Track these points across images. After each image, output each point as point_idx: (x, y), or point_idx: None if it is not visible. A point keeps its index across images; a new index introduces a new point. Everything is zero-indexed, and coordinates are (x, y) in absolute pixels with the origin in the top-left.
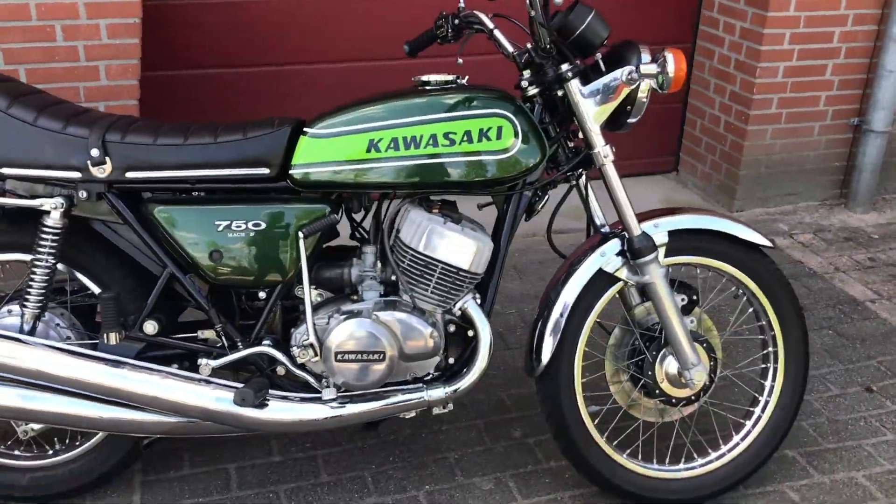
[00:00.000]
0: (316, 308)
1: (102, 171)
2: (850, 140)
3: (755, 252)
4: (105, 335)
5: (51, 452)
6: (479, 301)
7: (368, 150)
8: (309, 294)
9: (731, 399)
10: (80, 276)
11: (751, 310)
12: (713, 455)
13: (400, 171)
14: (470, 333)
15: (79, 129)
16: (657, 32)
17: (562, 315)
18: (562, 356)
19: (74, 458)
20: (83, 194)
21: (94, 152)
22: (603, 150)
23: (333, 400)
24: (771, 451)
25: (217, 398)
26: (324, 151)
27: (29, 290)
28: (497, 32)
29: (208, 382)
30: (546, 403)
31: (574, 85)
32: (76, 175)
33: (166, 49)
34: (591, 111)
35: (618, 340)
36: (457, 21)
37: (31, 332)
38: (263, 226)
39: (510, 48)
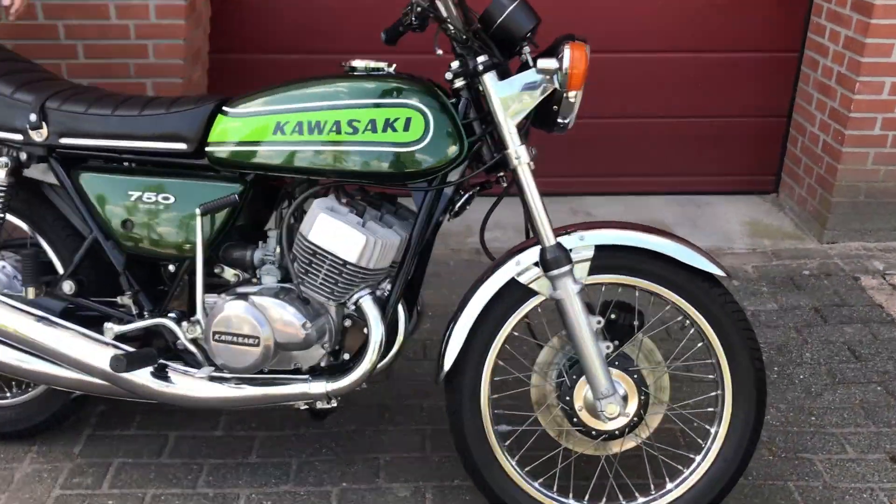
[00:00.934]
0: (219, 287)
1: (40, 136)
2: None
3: (706, 280)
4: (25, 289)
5: (8, 395)
6: (383, 295)
7: (274, 133)
8: (201, 270)
9: (674, 442)
10: (33, 233)
11: (700, 343)
12: (640, 500)
13: (301, 155)
14: (363, 331)
15: (25, 94)
16: (761, 40)
17: (468, 323)
18: (466, 366)
19: (22, 403)
20: (24, 156)
21: (32, 117)
22: (516, 151)
23: (211, 378)
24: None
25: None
26: (237, 131)
27: None
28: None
29: (109, 346)
30: (448, 413)
31: (488, 78)
32: (19, 137)
33: (236, 33)
34: (505, 108)
35: (547, 359)
36: (419, 8)
37: None
38: (172, 200)
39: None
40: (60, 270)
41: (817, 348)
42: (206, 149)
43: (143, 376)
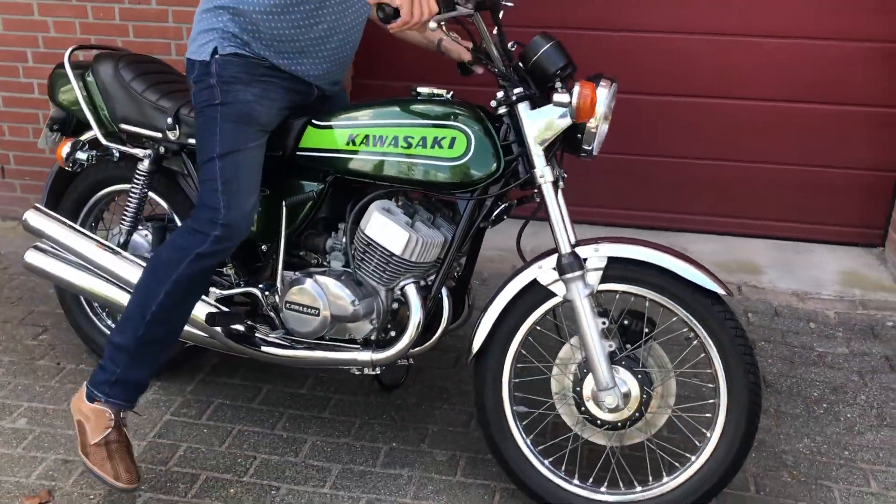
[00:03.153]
0: (301, 267)
1: (174, 136)
2: None
3: (708, 297)
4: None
5: None
6: (424, 285)
7: (348, 143)
8: (283, 251)
9: (673, 442)
10: (170, 211)
11: (702, 354)
12: (638, 489)
13: (368, 163)
14: (408, 315)
15: (166, 102)
16: (874, 94)
17: (494, 314)
18: (490, 351)
19: None
20: (162, 150)
21: (169, 121)
22: (541, 171)
23: (280, 339)
24: (710, 494)
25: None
26: (320, 140)
27: (125, 212)
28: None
29: (212, 306)
30: (475, 388)
31: (521, 107)
32: (159, 135)
33: (375, 59)
34: (533, 133)
35: (567, 355)
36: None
37: (125, 245)
38: (267, 192)
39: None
40: None
41: (875, 393)
42: (297, 153)
43: (218, 330)
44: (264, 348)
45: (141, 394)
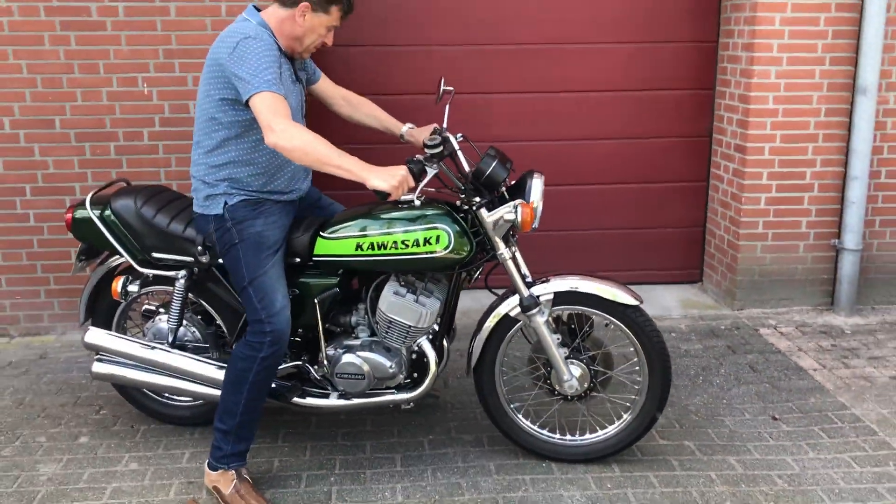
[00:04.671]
0: (333, 338)
1: (205, 259)
2: (833, 257)
3: (627, 306)
4: (211, 349)
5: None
6: (431, 338)
7: (356, 249)
8: (322, 336)
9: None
10: (208, 307)
11: (632, 349)
12: (588, 436)
13: (376, 262)
14: (424, 361)
15: (191, 231)
16: (679, 173)
17: (483, 337)
18: (484, 362)
19: (199, 406)
20: (195, 269)
21: (199, 248)
22: (502, 252)
23: (336, 398)
24: (638, 437)
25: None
26: (330, 248)
27: (169, 317)
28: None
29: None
30: (477, 390)
31: (482, 213)
32: (191, 259)
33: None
34: (492, 228)
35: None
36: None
37: (174, 340)
38: (297, 293)
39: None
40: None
41: (729, 368)
42: (313, 259)
43: (304, 400)
44: (329, 403)
45: (247, 453)
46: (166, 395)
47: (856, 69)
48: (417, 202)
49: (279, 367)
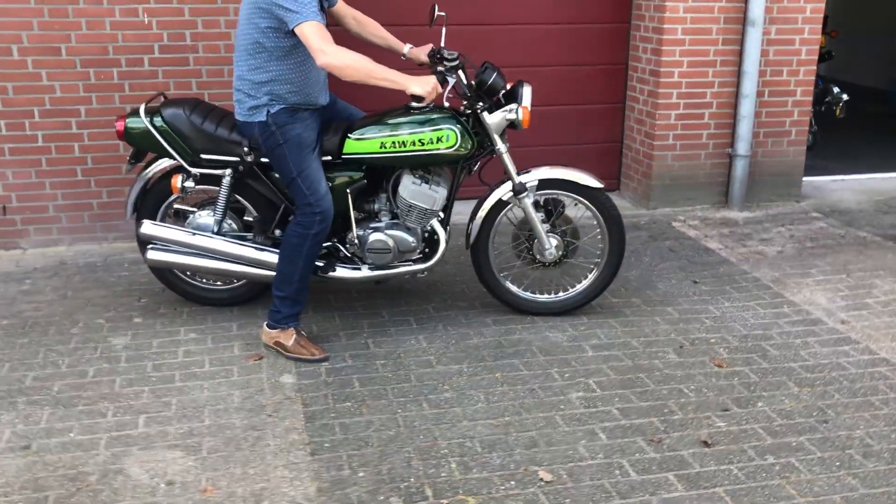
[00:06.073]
0: (359, 222)
1: (251, 158)
2: (727, 163)
3: (594, 189)
4: (255, 236)
5: (228, 286)
6: (441, 219)
7: (380, 147)
8: (353, 219)
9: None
10: (246, 203)
11: (593, 221)
12: (561, 294)
13: (397, 159)
14: (435, 238)
15: (236, 136)
16: (592, 94)
17: (481, 216)
18: (480, 237)
19: (236, 287)
20: (241, 168)
21: (245, 149)
22: (500, 147)
23: (367, 270)
24: (600, 292)
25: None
26: (358, 147)
27: (215, 211)
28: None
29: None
30: (473, 262)
31: (484, 115)
32: (237, 159)
33: None
34: (492, 128)
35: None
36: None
37: (219, 229)
38: (330, 185)
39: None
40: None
41: (653, 251)
42: (342, 156)
43: (337, 273)
44: (361, 274)
45: (300, 315)
46: (205, 280)
47: (746, 5)
48: (446, 104)
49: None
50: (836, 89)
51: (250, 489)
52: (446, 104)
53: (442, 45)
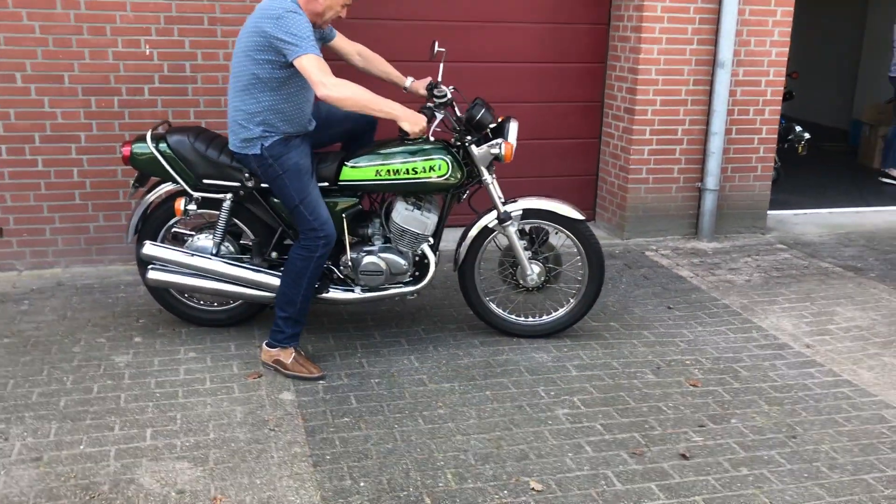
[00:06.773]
0: (353, 245)
1: (251, 183)
2: (697, 197)
3: (576, 220)
4: (252, 258)
5: (225, 307)
6: (431, 244)
7: (375, 175)
8: (347, 243)
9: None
10: (243, 226)
11: (574, 248)
12: (545, 317)
13: (391, 186)
14: (425, 262)
15: (237, 162)
16: (578, 130)
17: (467, 242)
18: (467, 261)
19: (233, 308)
20: (241, 192)
21: (246, 174)
22: (486, 178)
23: (360, 291)
24: (581, 316)
25: None
26: (354, 174)
27: (215, 233)
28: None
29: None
30: (461, 285)
31: (472, 148)
32: (237, 184)
33: None
34: (479, 160)
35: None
36: (438, 118)
37: (217, 252)
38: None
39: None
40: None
41: (629, 278)
42: (339, 184)
43: (330, 294)
44: (354, 295)
45: (300, 335)
46: (202, 301)
47: (716, 47)
48: (432, 137)
49: None
50: (798, 128)
51: (258, 498)
52: (431, 138)
53: (439, 79)
